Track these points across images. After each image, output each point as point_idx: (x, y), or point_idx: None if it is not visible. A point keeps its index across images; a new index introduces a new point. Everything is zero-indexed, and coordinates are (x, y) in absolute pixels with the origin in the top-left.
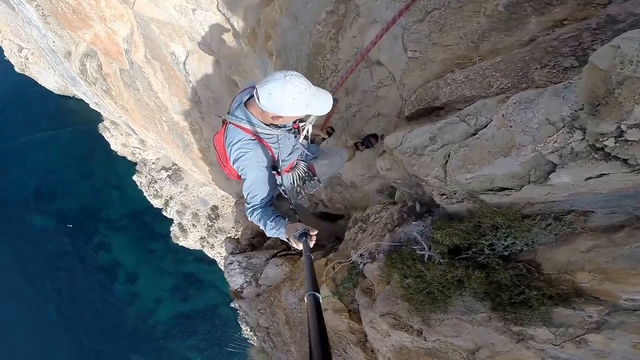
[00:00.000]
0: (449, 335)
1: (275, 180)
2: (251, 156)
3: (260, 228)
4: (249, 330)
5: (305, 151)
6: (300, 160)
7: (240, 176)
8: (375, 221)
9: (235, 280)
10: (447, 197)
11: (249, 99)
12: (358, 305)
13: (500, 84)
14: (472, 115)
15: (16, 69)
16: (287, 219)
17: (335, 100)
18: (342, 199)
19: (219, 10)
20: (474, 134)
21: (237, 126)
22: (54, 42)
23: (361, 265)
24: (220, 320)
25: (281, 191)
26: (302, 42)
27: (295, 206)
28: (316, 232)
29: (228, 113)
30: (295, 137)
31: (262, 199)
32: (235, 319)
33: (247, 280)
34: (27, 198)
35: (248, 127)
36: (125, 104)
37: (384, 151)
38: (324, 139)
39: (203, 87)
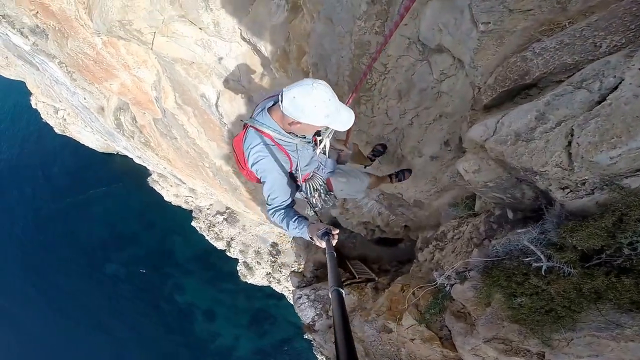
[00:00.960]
0: (585, 356)
1: (295, 183)
2: (270, 159)
3: (282, 228)
4: (324, 358)
5: (322, 165)
6: (316, 173)
7: (260, 179)
8: (455, 237)
9: (307, 314)
10: (571, 191)
11: (272, 105)
12: (450, 331)
13: (610, 42)
14: (591, 79)
15: (56, 130)
16: (308, 220)
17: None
18: (404, 221)
19: (244, 39)
20: (601, 101)
21: (258, 130)
22: (84, 98)
23: (448, 287)
24: (296, 353)
25: (302, 195)
26: (342, 47)
27: (316, 208)
28: (337, 231)
29: (250, 117)
30: (313, 149)
31: (282, 201)
32: (310, 349)
33: (318, 312)
34: (96, 249)
35: (269, 132)
36: (166, 155)
37: (464, 152)
38: (371, 160)
39: (240, 128)
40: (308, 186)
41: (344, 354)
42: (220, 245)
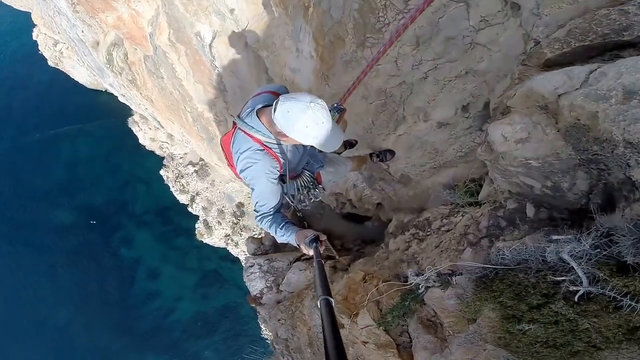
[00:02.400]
0: None
1: (282, 188)
2: (259, 167)
3: (271, 235)
4: (268, 331)
5: (311, 160)
6: (305, 169)
7: (248, 185)
8: (443, 229)
9: (255, 285)
10: None
11: (263, 107)
12: (410, 339)
13: None
14: None
15: (49, 62)
16: (296, 226)
17: (342, 110)
18: (380, 198)
19: None
20: None
21: (247, 134)
22: (82, 31)
23: (422, 289)
24: (240, 319)
25: (287, 198)
26: None
27: (302, 213)
28: (325, 237)
29: (239, 116)
30: (305, 147)
31: (270, 207)
32: (255, 317)
33: (268, 285)
34: (52, 192)
35: (257, 136)
36: (149, 94)
37: (504, 113)
38: (344, 147)
39: (229, 73)
40: (296, 183)
41: None
42: (183, 199)
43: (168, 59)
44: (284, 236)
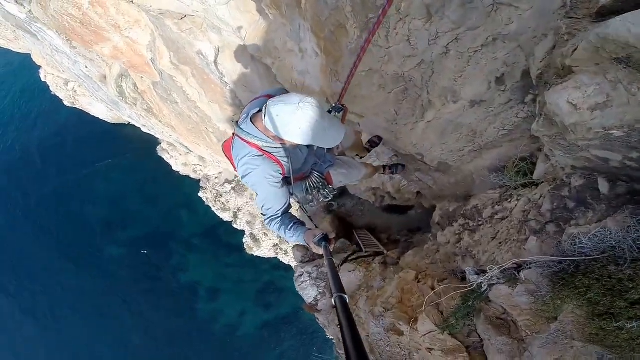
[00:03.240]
0: None
1: (288, 189)
2: (259, 172)
3: (280, 236)
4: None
5: (319, 161)
6: (314, 169)
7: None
8: (497, 216)
9: (308, 293)
10: None
11: (256, 113)
12: (481, 339)
13: None
14: None
15: (65, 102)
16: (305, 226)
17: (342, 109)
18: (419, 188)
19: None
20: None
21: (244, 140)
22: (86, 67)
23: (485, 287)
24: (304, 324)
25: (293, 199)
26: None
27: (310, 212)
28: (334, 235)
29: (236, 123)
30: (309, 147)
31: (277, 210)
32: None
33: (320, 291)
34: (98, 229)
35: (255, 142)
36: (169, 121)
37: (562, 76)
38: (368, 150)
39: (242, 88)
40: (303, 185)
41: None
42: (226, 216)
43: (176, 82)
44: (293, 237)
